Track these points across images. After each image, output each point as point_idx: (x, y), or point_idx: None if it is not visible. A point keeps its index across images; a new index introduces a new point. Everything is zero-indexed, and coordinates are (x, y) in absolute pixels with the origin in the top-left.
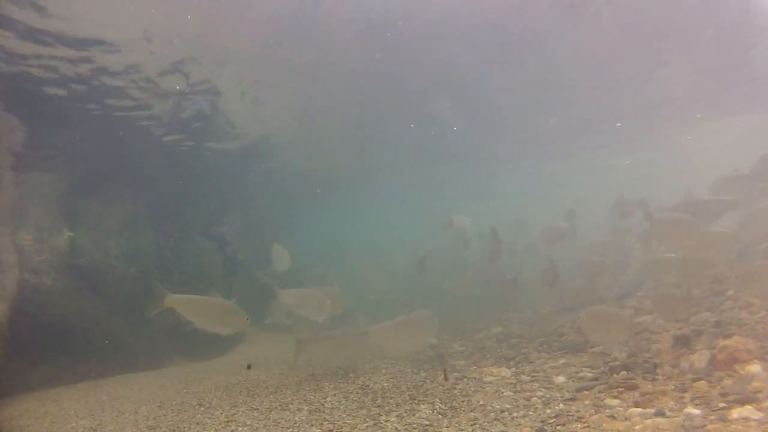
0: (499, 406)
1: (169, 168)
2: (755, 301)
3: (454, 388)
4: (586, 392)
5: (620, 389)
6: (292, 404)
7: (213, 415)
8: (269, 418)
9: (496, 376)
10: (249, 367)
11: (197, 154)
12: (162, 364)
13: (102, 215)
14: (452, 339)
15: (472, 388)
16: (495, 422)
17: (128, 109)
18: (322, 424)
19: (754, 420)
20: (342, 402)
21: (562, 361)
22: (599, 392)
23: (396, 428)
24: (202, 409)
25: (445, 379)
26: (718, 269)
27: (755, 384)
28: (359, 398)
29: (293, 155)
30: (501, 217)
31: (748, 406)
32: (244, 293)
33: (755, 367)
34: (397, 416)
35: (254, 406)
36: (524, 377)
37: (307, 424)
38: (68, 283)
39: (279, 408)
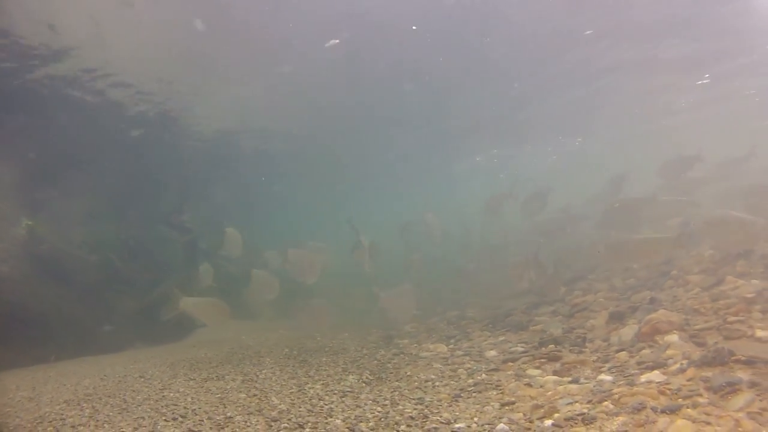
0: (424, 377)
1: (132, 156)
2: (692, 278)
3: (388, 363)
4: (511, 363)
5: (543, 360)
6: (228, 375)
7: (151, 384)
8: (202, 387)
9: (432, 351)
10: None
11: (159, 142)
12: (123, 348)
13: (63, 204)
14: (405, 322)
15: (405, 362)
16: (416, 390)
17: (90, 104)
18: (249, 390)
19: (657, 382)
20: (276, 373)
21: (502, 338)
22: (523, 363)
23: (317, 393)
24: (142, 380)
25: None
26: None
27: (669, 352)
28: (294, 371)
29: (253, 145)
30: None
31: (656, 371)
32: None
33: (673, 337)
34: (323, 384)
35: (192, 377)
36: (459, 352)
37: (237, 390)
38: (27, 271)
39: (215, 378)
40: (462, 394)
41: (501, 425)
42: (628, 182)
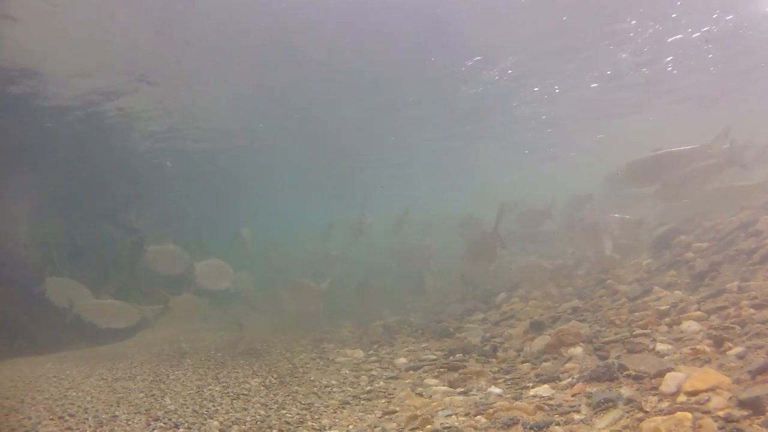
0: (326, 382)
1: (80, 153)
2: (621, 288)
3: (301, 367)
4: (412, 372)
5: (443, 369)
6: (140, 375)
7: (60, 384)
8: (110, 386)
9: (348, 357)
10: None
11: (108, 138)
12: (65, 348)
13: (8, 202)
14: (342, 326)
15: (317, 367)
16: (310, 395)
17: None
18: (151, 390)
19: (541, 397)
20: (187, 374)
21: (424, 345)
22: (424, 372)
23: (212, 395)
24: (55, 380)
25: None
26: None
27: (568, 365)
28: (205, 372)
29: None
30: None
31: (546, 385)
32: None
33: (577, 350)
34: (223, 387)
35: (105, 377)
36: (372, 359)
37: (139, 390)
38: None
39: (126, 378)
40: (351, 401)
41: None
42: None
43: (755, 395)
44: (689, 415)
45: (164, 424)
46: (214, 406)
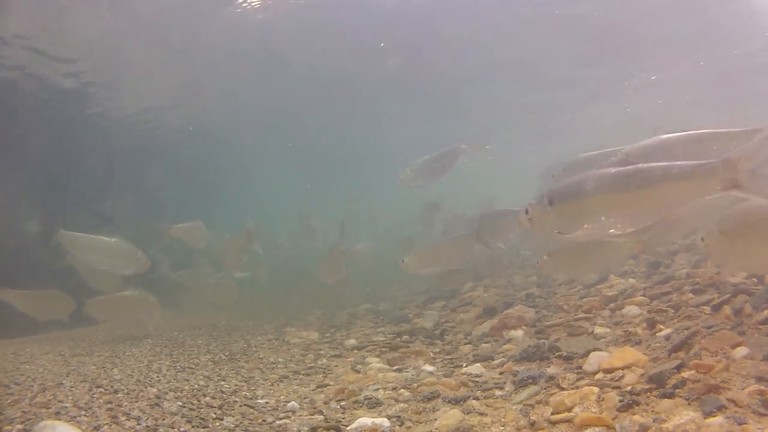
0: (273, 360)
1: (55, 140)
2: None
3: (254, 347)
4: (356, 351)
5: (384, 349)
6: (98, 352)
7: (16, 359)
8: (65, 361)
9: (303, 338)
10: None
11: (79, 123)
12: (36, 332)
13: None
14: (311, 313)
15: (270, 347)
16: (254, 370)
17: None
18: (104, 363)
19: (469, 374)
20: (143, 352)
21: (381, 329)
22: (367, 351)
23: (160, 368)
24: (13, 356)
25: None
26: None
27: (506, 346)
28: (161, 350)
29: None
30: None
31: (478, 364)
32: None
33: (518, 332)
34: (173, 361)
35: (62, 353)
36: (325, 340)
37: (92, 364)
38: None
39: (84, 354)
40: (291, 376)
41: (292, 402)
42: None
43: (660, 370)
44: (595, 389)
45: (105, 390)
46: (158, 377)
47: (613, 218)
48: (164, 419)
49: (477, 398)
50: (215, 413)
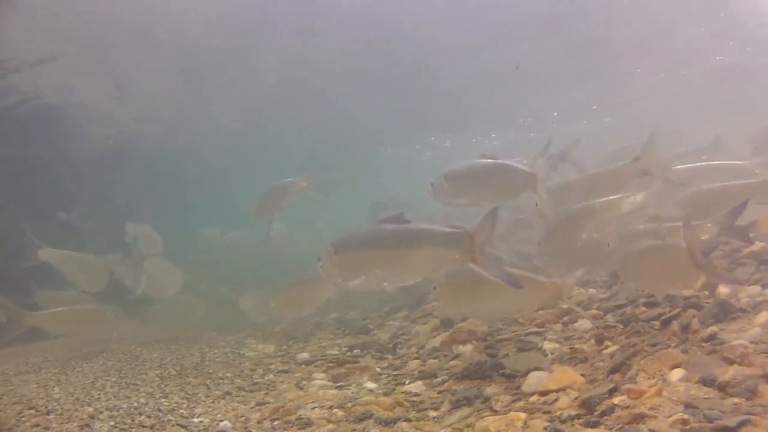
0: (222, 375)
1: (21, 148)
2: None
3: (208, 361)
4: (305, 366)
5: (332, 364)
6: (46, 368)
7: None
8: (6, 380)
9: (258, 352)
10: None
11: (44, 129)
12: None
13: None
14: (279, 323)
15: (223, 360)
16: (200, 386)
17: None
18: (48, 381)
19: (411, 393)
20: (94, 367)
21: (340, 341)
22: (315, 366)
23: (103, 386)
24: None
25: None
26: None
27: (452, 362)
28: (113, 365)
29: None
30: None
31: (420, 382)
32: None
33: (467, 347)
34: (119, 378)
35: (6, 372)
36: (279, 354)
37: (35, 382)
38: None
39: (29, 372)
40: (234, 393)
41: (225, 422)
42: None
43: (590, 395)
44: (522, 415)
45: (36, 411)
46: (99, 394)
47: (385, 272)
48: None
49: (409, 419)
50: None
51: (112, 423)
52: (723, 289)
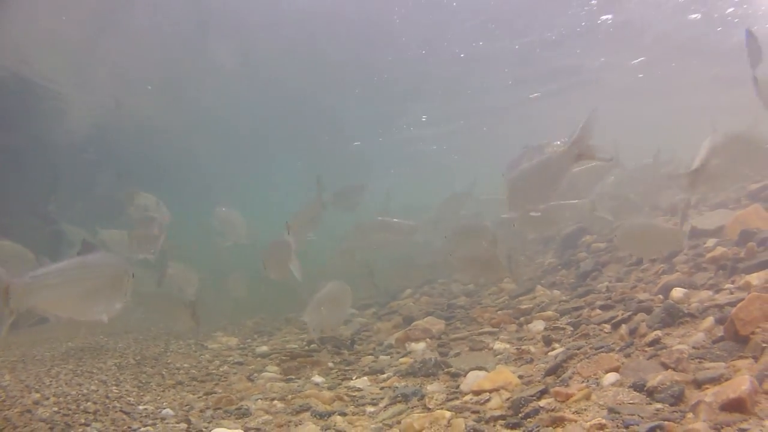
0: (179, 365)
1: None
2: (506, 286)
3: (170, 352)
4: (261, 359)
5: (285, 358)
6: (4, 357)
7: None
8: None
9: (221, 344)
10: None
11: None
12: None
13: None
14: (253, 318)
15: (184, 351)
16: (155, 375)
17: None
18: (2, 369)
19: (354, 388)
20: (55, 355)
21: (303, 335)
22: (270, 360)
23: (58, 372)
24: None
25: None
26: None
27: (403, 359)
28: (74, 354)
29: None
30: None
31: (365, 377)
32: None
33: (420, 345)
34: (76, 365)
35: None
36: (240, 346)
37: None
38: None
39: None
40: (186, 382)
41: (167, 410)
42: None
43: (519, 396)
44: (447, 414)
45: None
46: (51, 381)
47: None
48: (26, 426)
49: (344, 413)
50: (85, 419)
51: (55, 409)
52: (676, 294)
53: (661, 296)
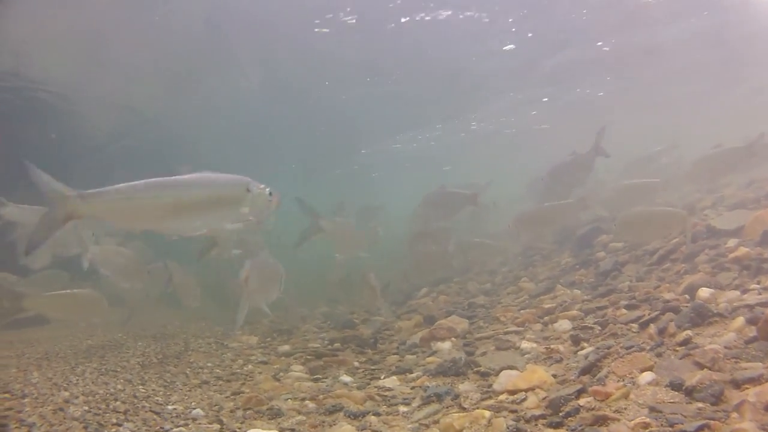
0: (202, 364)
1: None
2: (525, 285)
3: (191, 350)
4: (284, 358)
5: (310, 357)
6: (28, 354)
7: None
8: None
9: (242, 343)
10: None
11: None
12: None
13: None
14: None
15: (205, 350)
16: (179, 374)
17: None
18: (29, 366)
19: (385, 387)
20: (77, 354)
21: (324, 334)
22: (294, 359)
23: (84, 371)
24: None
25: None
26: None
27: (430, 359)
28: (95, 352)
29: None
30: None
31: (395, 377)
32: None
33: (446, 344)
34: (101, 364)
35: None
36: (261, 345)
37: (15, 367)
38: None
39: (12, 357)
40: (212, 382)
41: (197, 410)
42: None
43: (556, 396)
44: (487, 413)
45: (11, 395)
46: (77, 380)
47: None
48: (61, 425)
49: (378, 414)
50: (117, 419)
51: (86, 408)
52: (703, 294)
53: (686, 296)
